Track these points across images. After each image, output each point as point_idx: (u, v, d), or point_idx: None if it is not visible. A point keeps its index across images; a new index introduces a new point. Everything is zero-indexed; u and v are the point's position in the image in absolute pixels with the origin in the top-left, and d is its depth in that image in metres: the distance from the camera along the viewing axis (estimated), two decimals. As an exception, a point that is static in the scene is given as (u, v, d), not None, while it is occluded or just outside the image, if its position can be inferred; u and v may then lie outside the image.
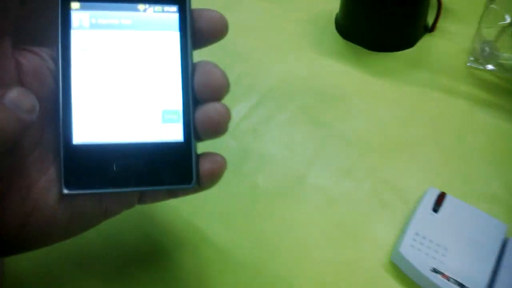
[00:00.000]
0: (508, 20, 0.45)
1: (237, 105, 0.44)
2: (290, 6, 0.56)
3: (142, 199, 0.28)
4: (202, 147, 0.27)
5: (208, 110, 0.26)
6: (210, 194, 0.28)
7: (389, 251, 0.35)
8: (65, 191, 0.24)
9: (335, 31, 0.52)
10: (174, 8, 0.26)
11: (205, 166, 0.26)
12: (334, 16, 0.53)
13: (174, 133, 0.26)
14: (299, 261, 0.34)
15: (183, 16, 0.26)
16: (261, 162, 0.40)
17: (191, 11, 0.27)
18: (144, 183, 0.25)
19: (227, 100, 0.26)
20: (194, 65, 0.26)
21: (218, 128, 0.26)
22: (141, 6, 0.26)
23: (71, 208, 0.24)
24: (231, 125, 0.40)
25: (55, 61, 0.25)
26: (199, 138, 0.27)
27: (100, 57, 0.25)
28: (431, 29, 0.51)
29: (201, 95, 0.26)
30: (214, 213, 0.37)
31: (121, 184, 0.25)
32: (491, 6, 0.45)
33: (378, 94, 0.45)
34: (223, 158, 0.27)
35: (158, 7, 0.26)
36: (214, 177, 0.26)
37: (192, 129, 0.26)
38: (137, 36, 0.26)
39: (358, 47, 0.50)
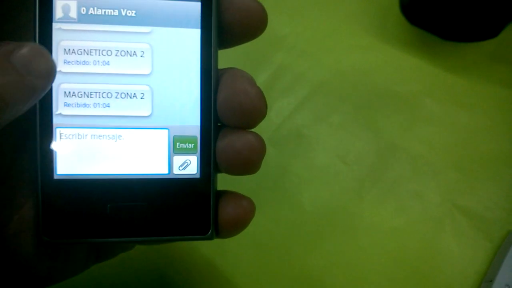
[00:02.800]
0: None
1: (278, 103, 0.36)
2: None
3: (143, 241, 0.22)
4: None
5: (235, 142, 0.19)
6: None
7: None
8: (45, 239, 0.19)
9: (400, 13, 0.43)
10: None
11: (226, 211, 0.20)
12: (398, -5, 0.44)
13: (188, 167, 0.20)
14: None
15: (207, 7, 0.19)
16: (307, 176, 0.33)
17: None
18: (146, 232, 0.20)
19: (267, 96, 0.19)
20: (219, 75, 0.20)
21: (247, 166, 0.20)
22: None
23: (52, 255, 0.20)
24: (270, 128, 0.33)
25: None
26: (219, 171, 0.20)
27: (92, 60, 0.19)
28: (520, 14, 0.41)
29: (226, 119, 0.19)
30: (245, 244, 0.30)
31: (116, 233, 0.19)
32: None
33: (455, 95, 0.37)
34: (250, 203, 0.21)
35: None
36: (236, 227, 0.20)
37: (212, 163, 0.20)
38: (143, 34, 0.19)
39: (428, 34, 0.41)
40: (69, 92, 0.19)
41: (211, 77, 0.19)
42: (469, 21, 0.40)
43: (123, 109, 0.19)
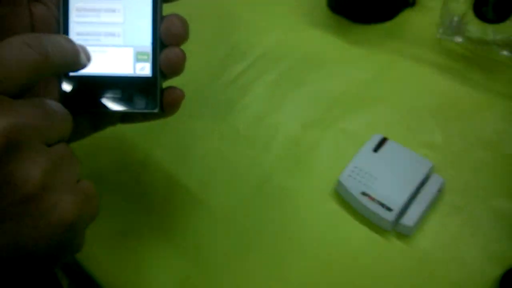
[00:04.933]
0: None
1: (232, 67, 0.53)
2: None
3: (123, 119, 0.35)
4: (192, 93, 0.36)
5: (169, 53, 0.32)
6: (196, 138, 0.40)
7: (335, 181, 0.42)
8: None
9: (326, 6, 0.60)
10: None
11: (168, 96, 0.33)
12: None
13: (145, 70, 0.32)
14: (261, 187, 0.44)
15: None
16: (244, 113, 0.49)
17: None
18: (120, 107, 0.32)
19: (225, 62, 0.36)
20: (163, 17, 0.32)
21: (175, 67, 0.32)
22: None
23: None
24: (225, 81, 0.50)
25: (58, 8, 0.31)
26: (165, 76, 0.33)
27: (89, 15, 0.32)
28: (412, 3, 0.57)
29: (165, 40, 0.32)
30: (193, 156, 0.47)
31: (103, 106, 0.32)
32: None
33: (352, 60, 0.53)
34: (182, 91, 0.33)
35: None
36: (174, 105, 0.33)
37: (158, 68, 0.32)
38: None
39: (344, 19, 0.57)
40: (79, 32, 0.32)
41: (157, 18, 0.31)
42: (372, 8, 0.56)
43: (108, 40, 0.32)
